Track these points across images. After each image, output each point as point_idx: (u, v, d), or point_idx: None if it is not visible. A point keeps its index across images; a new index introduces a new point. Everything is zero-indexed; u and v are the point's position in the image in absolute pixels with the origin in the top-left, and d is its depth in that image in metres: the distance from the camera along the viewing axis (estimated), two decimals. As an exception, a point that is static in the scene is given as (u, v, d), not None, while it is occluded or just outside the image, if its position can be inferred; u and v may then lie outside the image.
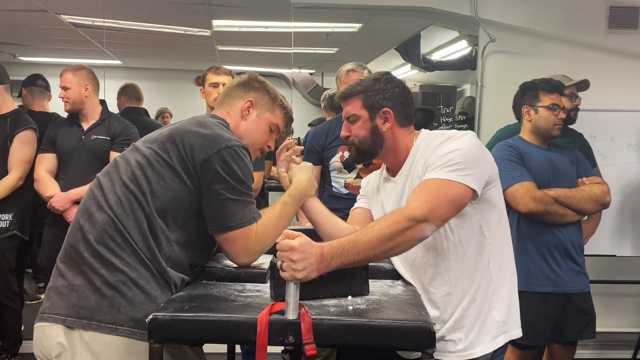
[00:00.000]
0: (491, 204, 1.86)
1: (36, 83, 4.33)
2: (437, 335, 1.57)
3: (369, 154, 2.00)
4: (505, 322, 1.88)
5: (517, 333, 1.93)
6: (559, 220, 2.86)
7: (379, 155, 2.01)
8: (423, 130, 2.02)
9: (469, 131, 1.90)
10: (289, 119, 2.06)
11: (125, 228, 1.68)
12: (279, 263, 1.50)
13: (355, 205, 2.21)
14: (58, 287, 1.71)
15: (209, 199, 1.72)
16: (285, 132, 2.13)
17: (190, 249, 1.77)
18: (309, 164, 2.13)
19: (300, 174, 2.05)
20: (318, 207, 2.09)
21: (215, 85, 3.37)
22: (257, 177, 3.24)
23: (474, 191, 1.76)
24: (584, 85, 3.35)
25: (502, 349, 1.91)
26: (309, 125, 6.65)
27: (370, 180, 2.18)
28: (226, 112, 1.96)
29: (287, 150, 2.11)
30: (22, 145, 3.61)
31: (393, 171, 2.02)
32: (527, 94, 2.97)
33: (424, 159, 1.86)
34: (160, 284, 1.69)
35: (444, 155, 1.78)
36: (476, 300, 1.84)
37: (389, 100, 1.94)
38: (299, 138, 6.58)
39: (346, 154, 3.34)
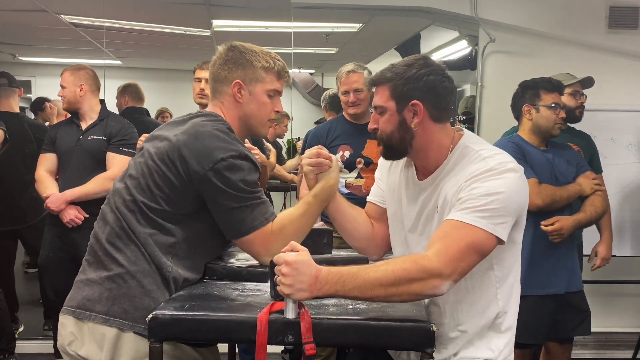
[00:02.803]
0: (511, 240, 1.69)
1: None
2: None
3: (398, 152, 1.78)
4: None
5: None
6: (565, 203, 2.88)
7: (409, 154, 1.78)
8: (466, 133, 1.79)
9: (513, 166, 1.66)
10: (278, 72, 1.91)
11: (130, 227, 1.74)
12: (275, 277, 1.51)
13: (369, 198, 2.04)
14: (77, 282, 1.83)
15: (215, 210, 1.75)
16: (286, 82, 1.97)
17: (195, 247, 1.79)
18: (335, 160, 1.92)
19: (328, 173, 1.88)
20: (337, 203, 1.94)
21: (199, 80, 3.32)
22: None
23: (500, 240, 1.61)
24: (588, 82, 3.35)
25: None
26: (316, 123, 6.62)
27: (390, 174, 1.94)
28: (221, 103, 1.90)
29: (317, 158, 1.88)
30: None
31: (422, 174, 1.81)
32: (528, 92, 2.96)
33: (457, 185, 1.67)
34: (157, 278, 1.73)
35: (482, 196, 1.59)
36: (469, 333, 1.74)
37: (419, 90, 1.69)
38: (299, 138, 6.58)
39: (347, 154, 3.34)
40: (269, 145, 4.10)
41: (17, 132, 4.08)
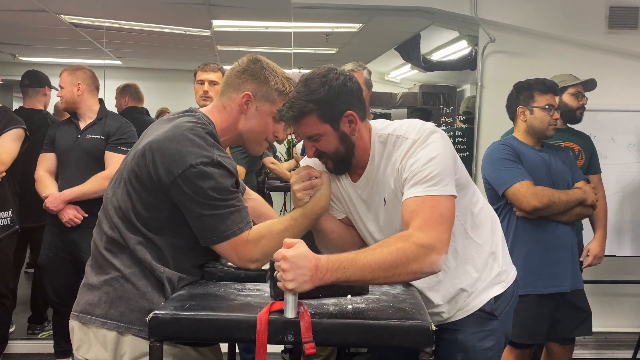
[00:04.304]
0: (459, 187, 1.79)
1: (22, 83, 4.33)
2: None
3: (346, 163, 1.84)
4: (499, 273, 1.94)
5: (512, 275, 2.00)
6: (565, 208, 2.86)
7: (354, 161, 1.83)
8: (372, 122, 1.87)
9: (430, 127, 1.78)
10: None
11: (121, 234, 1.76)
12: (275, 273, 1.51)
13: (339, 216, 2.00)
14: (81, 287, 1.85)
15: (187, 216, 1.72)
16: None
17: (183, 250, 1.78)
18: (326, 175, 1.87)
19: (319, 192, 1.85)
20: (334, 221, 1.96)
21: (202, 82, 3.29)
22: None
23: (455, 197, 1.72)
24: (590, 84, 3.35)
25: (505, 298, 1.95)
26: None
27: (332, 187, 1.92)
28: (222, 106, 1.86)
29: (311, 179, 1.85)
30: (10, 141, 3.58)
31: (356, 174, 1.89)
32: (522, 94, 2.96)
33: (394, 171, 1.76)
34: (152, 280, 1.74)
35: (423, 168, 1.69)
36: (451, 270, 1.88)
37: (345, 102, 1.74)
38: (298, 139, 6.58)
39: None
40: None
41: (40, 127, 4.02)
